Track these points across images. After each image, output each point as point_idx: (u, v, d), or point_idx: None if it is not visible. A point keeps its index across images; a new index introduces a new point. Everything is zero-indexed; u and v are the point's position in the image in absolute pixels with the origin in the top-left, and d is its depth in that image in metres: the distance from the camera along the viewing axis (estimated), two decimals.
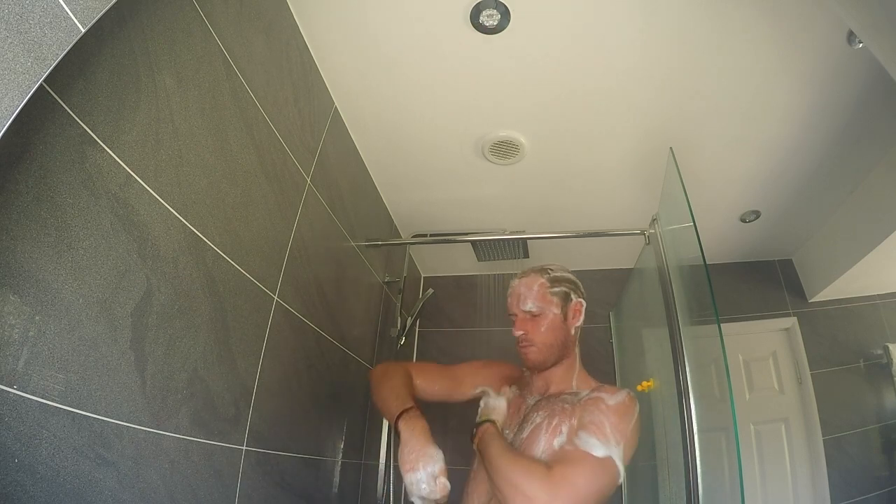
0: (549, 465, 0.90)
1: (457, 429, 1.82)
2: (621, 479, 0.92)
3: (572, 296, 1.17)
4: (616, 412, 0.98)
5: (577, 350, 1.19)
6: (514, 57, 1.44)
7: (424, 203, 2.18)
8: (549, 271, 1.19)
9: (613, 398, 1.02)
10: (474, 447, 1.06)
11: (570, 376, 1.15)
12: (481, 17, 1.30)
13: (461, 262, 2.71)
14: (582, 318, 1.17)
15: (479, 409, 1.16)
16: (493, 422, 1.07)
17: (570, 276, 1.21)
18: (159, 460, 0.77)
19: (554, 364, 1.14)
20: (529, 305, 1.14)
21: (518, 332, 1.14)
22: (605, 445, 0.91)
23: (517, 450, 1.01)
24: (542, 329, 1.13)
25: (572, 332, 1.16)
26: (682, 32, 1.35)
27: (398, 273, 2.23)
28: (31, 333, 0.58)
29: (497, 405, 1.14)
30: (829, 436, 2.18)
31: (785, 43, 1.37)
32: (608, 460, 0.90)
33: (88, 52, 0.68)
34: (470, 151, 1.84)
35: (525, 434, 1.06)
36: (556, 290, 1.16)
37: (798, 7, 1.26)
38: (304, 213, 1.35)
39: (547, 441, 1.00)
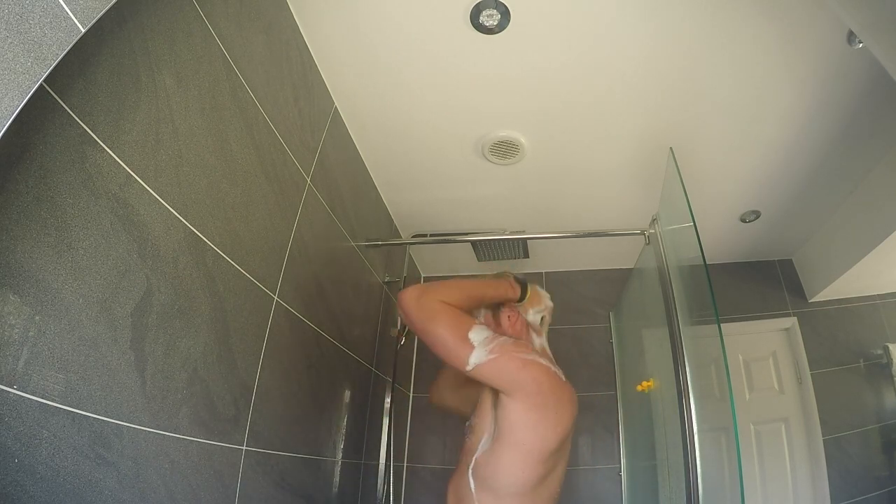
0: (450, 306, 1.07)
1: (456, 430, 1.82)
2: (468, 366, 1.01)
3: (501, 307, 1.28)
4: (515, 344, 1.08)
5: (530, 335, 1.27)
6: (515, 57, 1.44)
7: (424, 203, 2.18)
8: None
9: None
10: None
11: None
12: (481, 18, 1.30)
13: (461, 262, 2.70)
14: (518, 319, 1.27)
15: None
16: (520, 283, 1.28)
17: None
18: (159, 460, 0.77)
19: None
20: None
21: None
22: (480, 343, 1.03)
23: (467, 292, 1.16)
24: None
25: (515, 334, 1.26)
26: (683, 33, 1.35)
27: (398, 273, 2.23)
28: (31, 333, 0.58)
29: (540, 296, 1.34)
30: (829, 436, 2.18)
31: (785, 43, 1.37)
32: (468, 343, 1.02)
33: (88, 52, 0.68)
34: (470, 151, 1.84)
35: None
36: (485, 311, 1.28)
37: (798, 7, 1.26)
38: (304, 213, 1.35)
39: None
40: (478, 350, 1.01)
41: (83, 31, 0.50)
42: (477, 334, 1.04)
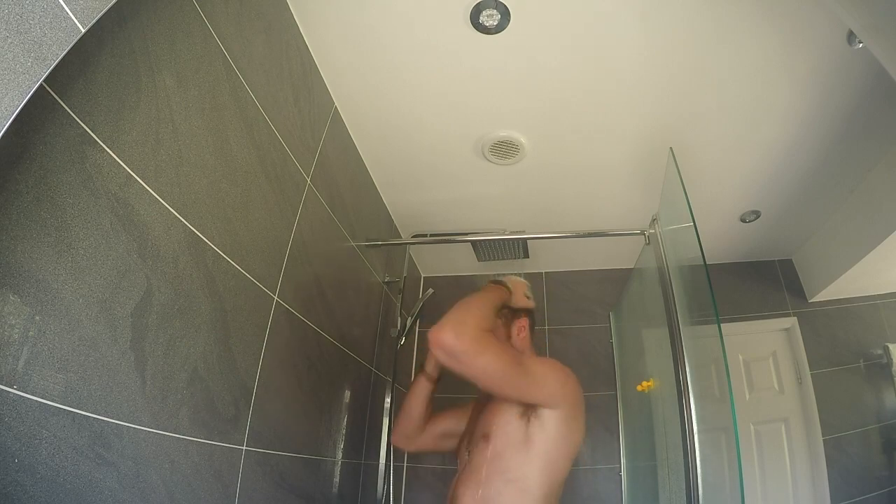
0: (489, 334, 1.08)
1: None
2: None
3: (515, 320, 1.34)
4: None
5: (532, 345, 1.36)
6: (514, 57, 1.44)
7: (424, 203, 2.18)
8: None
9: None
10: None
11: None
12: (481, 17, 1.30)
13: (461, 262, 2.70)
14: (527, 331, 1.35)
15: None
16: (501, 284, 1.31)
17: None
18: (159, 460, 0.77)
19: None
20: None
21: None
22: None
23: (485, 309, 1.15)
24: None
25: (520, 344, 1.33)
26: (683, 33, 1.35)
27: (398, 273, 2.23)
28: (31, 333, 0.58)
29: (517, 281, 1.39)
30: (829, 436, 2.18)
31: (785, 43, 1.37)
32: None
33: (88, 52, 0.68)
34: (470, 151, 1.84)
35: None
36: (500, 315, 1.31)
37: (798, 7, 1.26)
38: (304, 213, 1.35)
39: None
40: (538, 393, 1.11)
41: (83, 31, 0.50)
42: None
